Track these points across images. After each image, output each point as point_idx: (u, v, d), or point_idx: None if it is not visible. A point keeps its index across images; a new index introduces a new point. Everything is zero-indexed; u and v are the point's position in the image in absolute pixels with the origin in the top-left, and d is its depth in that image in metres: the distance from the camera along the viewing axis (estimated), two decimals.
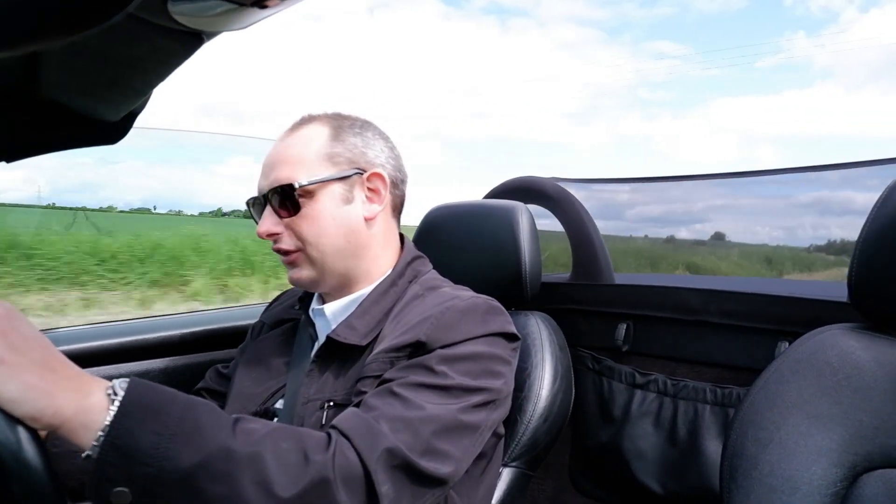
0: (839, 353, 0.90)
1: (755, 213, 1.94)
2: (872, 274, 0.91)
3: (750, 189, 1.87)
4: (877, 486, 0.82)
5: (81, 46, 0.71)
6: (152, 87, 0.91)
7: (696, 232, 2.12)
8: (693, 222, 2.10)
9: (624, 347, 1.69)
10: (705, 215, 2.05)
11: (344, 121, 1.15)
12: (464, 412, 0.95)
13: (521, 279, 1.37)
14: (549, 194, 1.90)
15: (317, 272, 1.11)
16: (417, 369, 0.96)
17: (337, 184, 1.10)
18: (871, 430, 0.85)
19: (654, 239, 2.15)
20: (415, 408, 0.90)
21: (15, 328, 0.71)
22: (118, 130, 1.11)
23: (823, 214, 1.76)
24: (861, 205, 1.62)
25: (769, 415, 0.89)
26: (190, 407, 0.77)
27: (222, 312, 1.88)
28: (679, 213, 2.07)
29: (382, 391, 0.93)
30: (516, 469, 1.20)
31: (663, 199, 2.03)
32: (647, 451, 1.59)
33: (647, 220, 2.13)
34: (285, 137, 1.14)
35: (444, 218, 1.48)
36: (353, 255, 1.12)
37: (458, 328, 1.00)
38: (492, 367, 1.01)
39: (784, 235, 1.95)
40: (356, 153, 1.13)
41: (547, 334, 1.33)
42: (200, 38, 0.69)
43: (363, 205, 1.13)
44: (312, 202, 1.08)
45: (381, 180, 1.14)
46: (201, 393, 1.31)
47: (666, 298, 1.63)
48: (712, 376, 1.54)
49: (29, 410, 0.68)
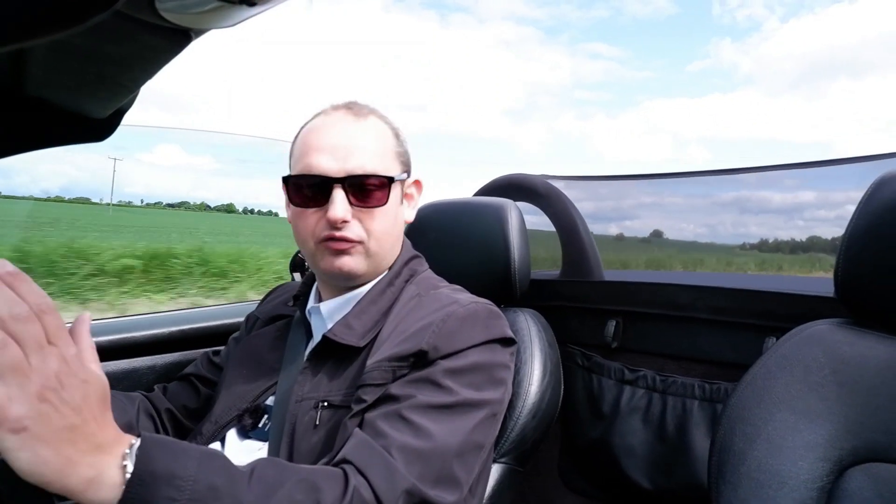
0: (826, 348, 0.91)
1: (681, 211, 2.02)
2: (858, 270, 0.92)
3: (676, 188, 1.96)
4: (862, 479, 0.83)
5: (68, 44, 0.70)
6: (140, 85, 0.90)
7: (626, 229, 2.20)
8: (623, 219, 2.18)
9: (613, 344, 1.70)
10: (635, 212, 2.12)
11: (391, 121, 1.17)
12: (472, 432, 0.97)
13: (510, 276, 1.37)
14: (538, 191, 1.91)
15: (368, 265, 1.11)
16: (424, 386, 0.96)
17: (398, 185, 1.13)
18: (857, 425, 0.85)
19: (602, 236, 2.19)
20: (426, 436, 0.91)
21: (68, 379, 0.67)
22: (106, 127, 1.10)
23: (743, 213, 1.85)
24: (777, 204, 1.69)
25: (757, 410, 0.90)
26: (203, 464, 0.75)
27: (212, 310, 1.87)
28: (609, 210, 2.13)
29: (392, 415, 0.93)
30: (505, 465, 1.20)
31: (594, 195, 2.06)
32: (636, 447, 1.60)
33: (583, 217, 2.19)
34: (353, 122, 1.10)
35: (433, 215, 1.48)
36: (392, 253, 1.16)
37: (460, 336, 1.01)
38: (494, 375, 1.04)
39: (708, 232, 2.02)
40: (407, 157, 1.17)
41: (536, 331, 1.33)
42: (188, 36, 0.69)
43: (406, 207, 1.18)
44: (388, 197, 1.09)
45: (418, 187, 1.20)
46: (190, 379, 1.31)
47: (655, 295, 1.64)
48: (701, 372, 1.55)
49: (38, 481, 0.66)
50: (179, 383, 1.33)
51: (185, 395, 1.30)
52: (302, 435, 1.00)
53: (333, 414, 1.01)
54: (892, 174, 0.94)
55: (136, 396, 1.27)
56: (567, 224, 1.86)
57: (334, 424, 1.00)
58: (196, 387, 1.30)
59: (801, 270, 2.05)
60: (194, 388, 1.30)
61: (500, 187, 1.93)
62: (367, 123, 1.11)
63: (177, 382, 1.33)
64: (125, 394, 1.27)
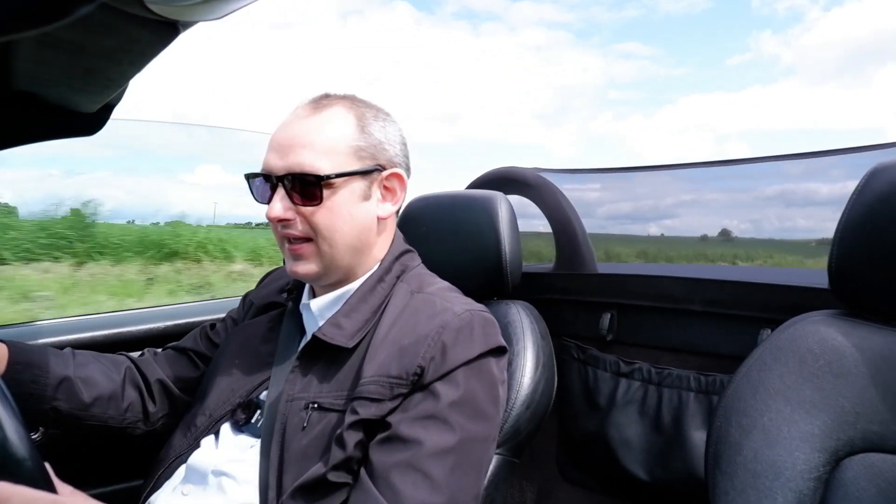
0: (820, 339, 0.91)
1: (724, 207, 1.96)
2: (852, 261, 0.92)
3: (715, 183, 1.90)
4: (858, 469, 0.83)
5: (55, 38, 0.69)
6: (128, 79, 0.89)
7: (667, 228, 2.12)
8: (661, 218, 2.11)
9: (608, 337, 1.70)
10: (674, 211, 2.05)
11: (366, 109, 1.11)
12: (481, 466, 1.00)
13: (501, 269, 1.36)
14: (530, 184, 1.91)
15: (322, 267, 1.08)
16: (430, 425, 0.96)
17: (358, 179, 1.07)
18: (852, 416, 0.86)
19: (672, 238, 2.13)
20: (440, 490, 0.92)
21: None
22: (95, 122, 1.09)
23: (788, 206, 1.79)
24: (825, 196, 1.64)
25: (752, 401, 0.90)
26: None
27: (205, 305, 1.86)
28: (647, 209, 2.08)
29: (404, 467, 0.93)
30: (500, 456, 1.20)
31: (632, 195, 2.03)
32: (632, 439, 1.60)
33: (617, 217, 2.14)
34: (306, 117, 1.07)
35: (424, 209, 1.47)
36: (359, 252, 1.10)
37: (457, 350, 1.00)
38: (493, 395, 1.04)
39: (752, 228, 1.98)
40: (378, 148, 1.09)
41: (528, 322, 1.33)
42: (176, 29, 0.68)
43: (378, 203, 1.11)
44: (332, 195, 1.04)
45: (400, 180, 1.12)
46: (188, 353, 1.30)
47: (649, 287, 1.64)
48: (696, 364, 1.55)
49: None
50: (174, 353, 1.30)
51: (181, 366, 1.28)
52: (292, 435, 1.00)
53: (323, 416, 1.00)
54: (884, 165, 0.94)
55: (123, 361, 1.24)
56: (560, 217, 1.86)
57: (324, 427, 0.99)
58: (193, 360, 1.29)
59: None
60: (191, 360, 1.29)
61: (492, 180, 1.92)
62: (321, 117, 1.06)
63: (171, 352, 1.31)
64: (111, 357, 1.24)
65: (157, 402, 1.24)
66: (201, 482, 1.04)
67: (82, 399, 1.14)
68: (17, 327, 1.58)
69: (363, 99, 1.14)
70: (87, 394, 1.15)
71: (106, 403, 1.17)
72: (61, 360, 1.15)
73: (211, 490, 1.03)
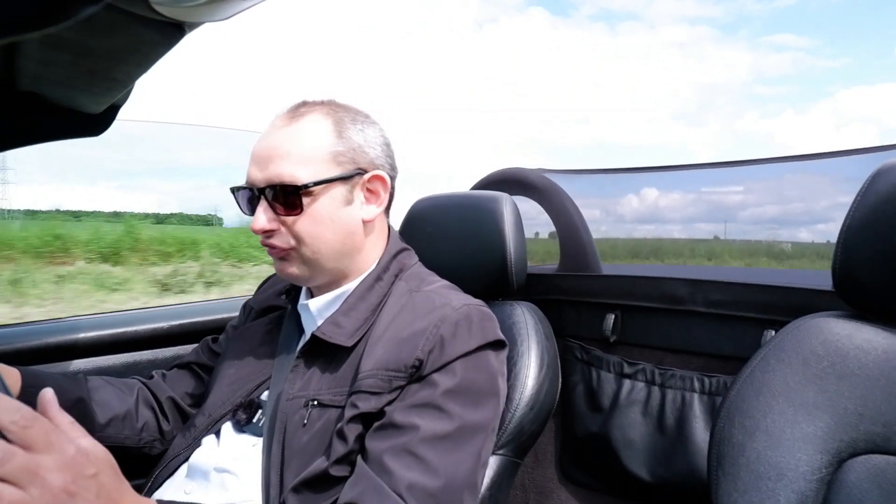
0: (824, 340, 0.91)
1: None
2: (856, 262, 0.92)
3: None
4: (861, 471, 0.83)
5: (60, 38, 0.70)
6: (134, 79, 0.90)
7: (819, 234, 1.92)
8: (815, 223, 1.92)
9: (612, 337, 1.70)
10: (829, 214, 1.84)
11: (344, 113, 1.10)
12: (477, 456, 0.99)
13: (506, 270, 1.37)
14: (535, 185, 1.90)
15: (307, 270, 1.09)
16: (426, 412, 0.96)
17: (339, 185, 1.07)
18: (855, 417, 0.85)
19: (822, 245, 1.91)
20: (435, 473, 0.93)
21: (77, 484, 0.70)
22: (101, 122, 1.10)
23: None
24: None
25: (755, 403, 0.90)
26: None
27: (209, 304, 1.87)
28: (798, 213, 1.90)
29: (398, 451, 0.93)
30: (503, 457, 1.20)
31: (778, 198, 1.88)
32: (635, 439, 1.60)
33: (764, 221, 1.99)
34: (283, 127, 1.07)
35: (429, 210, 1.47)
36: (346, 255, 1.11)
37: (455, 342, 1.00)
38: (490, 388, 1.04)
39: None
40: (358, 152, 1.09)
41: (533, 323, 1.33)
42: (182, 29, 0.68)
43: (362, 206, 1.10)
44: (313, 202, 1.04)
45: (382, 182, 1.11)
46: (191, 367, 1.31)
47: (653, 289, 1.64)
48: (699, 365, 1.55)
49: None
50: (180, 370, 1.32)
51: (187, 382, 1.30)
52: (293, 433, 1.01)
53: (322, 413, 1.01)
54: (888, 165, 0.93)
55: (135, 384, 1.26)
56: (564, 218, 1.86)
57: (324, 423, 1.00)
58: (198, 374, 1.30)
59: None
60: (196, 375, 1.31)
61: (497, 182, 1.92)
62: (296, 126, 1.06)
63: (177, 370, 1.33)
64: (123, 381, 1.26)
65: (170, 420, 1.26)
66: (203, 480, 1.05)
67: (97, 420, 1.15)
68: (18, 327, 1.58)
69: (342, 103, 1.13)
70: (101, 415, 1.16)
71: (121, 424, 1.19)
72: (74, 385, 1.17)
73: (213, 487, 1.03)
